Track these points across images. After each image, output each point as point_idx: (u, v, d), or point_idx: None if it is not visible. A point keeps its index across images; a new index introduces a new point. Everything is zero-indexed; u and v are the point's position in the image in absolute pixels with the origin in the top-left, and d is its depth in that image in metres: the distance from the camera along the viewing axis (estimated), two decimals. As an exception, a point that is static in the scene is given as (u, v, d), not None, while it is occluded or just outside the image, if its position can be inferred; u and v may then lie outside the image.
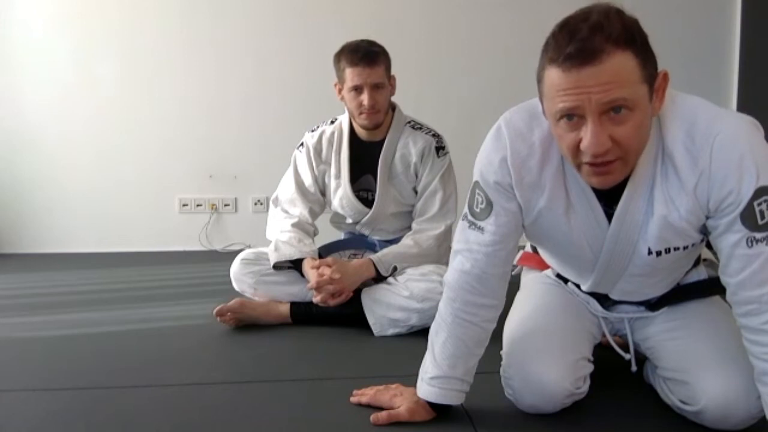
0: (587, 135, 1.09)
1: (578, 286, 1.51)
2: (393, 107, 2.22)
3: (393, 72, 2.17)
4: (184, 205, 3.56)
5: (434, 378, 1.37)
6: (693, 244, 1.28)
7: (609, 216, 1.27)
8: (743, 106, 3.52)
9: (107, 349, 1.95)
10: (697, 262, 1.46)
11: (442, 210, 2.16)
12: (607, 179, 1.16)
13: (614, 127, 1.09)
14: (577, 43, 1.06)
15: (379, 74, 2.07)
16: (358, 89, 2.08)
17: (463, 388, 1.39)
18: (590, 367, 1.44)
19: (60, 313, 2.34)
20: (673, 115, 1.19)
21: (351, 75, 2.07)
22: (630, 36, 1.08)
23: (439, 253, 2.14)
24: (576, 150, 1.13)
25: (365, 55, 2.05)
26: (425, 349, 1.41)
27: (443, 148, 2.18)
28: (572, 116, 1.11)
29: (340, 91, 2.14)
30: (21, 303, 2.50)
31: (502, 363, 1.46)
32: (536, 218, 1.32)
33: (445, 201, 2.16)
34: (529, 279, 1.66)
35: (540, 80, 1.15)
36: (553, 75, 1.10)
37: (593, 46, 1.05)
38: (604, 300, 1.49)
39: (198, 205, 3.56)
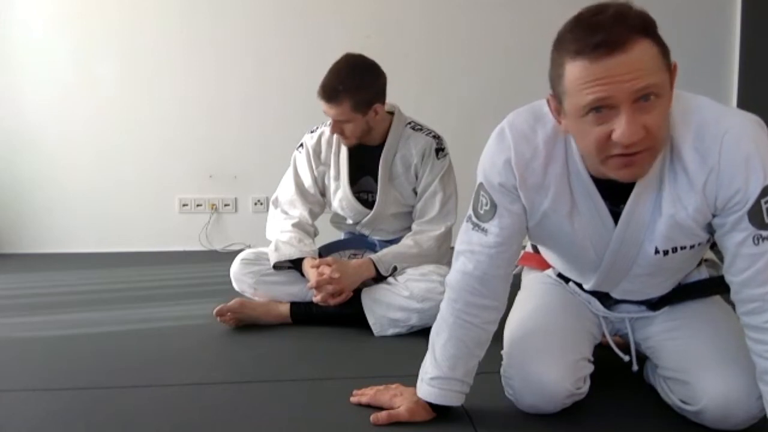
0: (621, 125, 1.08)
1: (580, 286, 1.50)
2: (392, 110, 2.21)
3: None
4: (184, 205, 3.56)
5: (434, 378, 1.37)
6: (699, 244, 1.28)
7: (614, 216, 1.27)
8: (743, 106, 3.49)
9: (107, 349, 1.95)
10: (700, 262, 1.46)
11: (443, 211, 2.16)
12: (636, 170, 1.15)
13: (644, 115, 1.09)
14: (603, 33, 1.06)
15: (341, 112, 2.04)
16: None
17: (463, 389, 1.39)
18: (590, 368, 1.44)
19: (60, 313, 2.34)
20: (680, 114, 1.19)
21: (322, 104, 2.08)
22: (648, 25, 1.09)
23: (439, 253, 2.14)
24: (605, 143, 1.12)
25: (327, 94, 2.03)
26: (425, 349, 1.41)
27: (443, 149, 2.18)
28: (601, 108, 1.09)
29: None
30: (21, 303, 2.50)
31: (503, 363, 1.46)
32: (540, 220, 1.31)
33: (445, 202, 2.16)
34: (530, 279, 1.66)
35: (558, 78, 1.13)
36: (578, 68, 1.09)
37: (619, 35, 1.06)
38: (605, 299, 1.49)
39: (198, 205, 3.56)
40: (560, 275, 1.57)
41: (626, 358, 1.49)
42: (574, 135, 1.20)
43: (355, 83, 2.04)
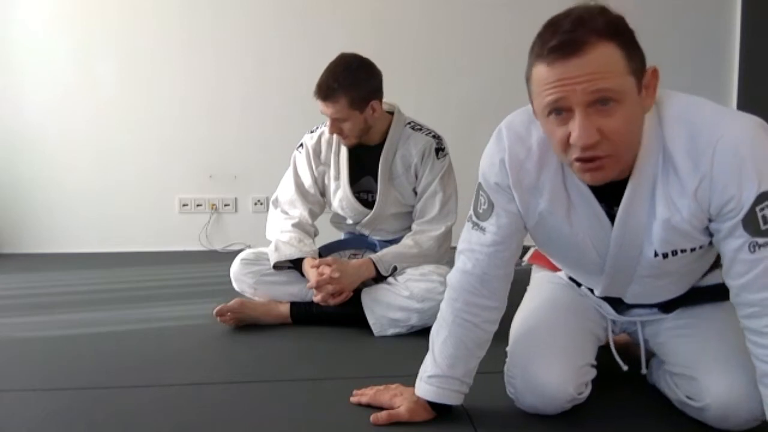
0: (575, 127, 1.09)
1: (592, 291, 1.50)
2: (392, 110, 2.21)
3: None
4: (184, 205, 3.56)
5: (432, 377, 1.37)
6: (701, 246, 1.26)
7: (611, 217, 1.27)
8: (743, 106, 3.51)
9: (107, 349, 1.95)
10: (715, 265, 1.43)
11: (443, 211, 2.16)
12: (598, 175, 1.15)
13: (602, 119, 1.09)
14: (560, 36, 1.07)
15: (338, 110, 2.05)
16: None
17: (462, 389, 1.39)
18: (593, 372, 1.44)
19: (60, 313, 2.34)
20: (674, 116, 1.18)
21: (319, 104, 2.09)
22: (613, 28, 1.08)
23: (439, 253, 2.14)
24: (566, 145, 1.13)
25: (323, 92, 2.04)
26: (425, 349, 1.41)
27: (443, 149, 2.18)
28: (560, 110, 1.10)
29: None
30: (21, 303, 2.50)
31: (506, 361, 1.46)
32: (538, 221, 1.31)
33: (445, 202, 2.16)
34: (539, 277, 1.66)
35: (528, 79, 1.16)
36: (540, 70, 1.11)
37: (576, 38, 1.06)
38: (617, 304, 1.48)
39: (198, 205, 3.56)
40: (572, 278, 1.56)
41: (625, 367, 1.48)
42: (546, 136, 1.20)
43: (350, 80, 2.04)
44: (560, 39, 1.07)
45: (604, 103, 1.08)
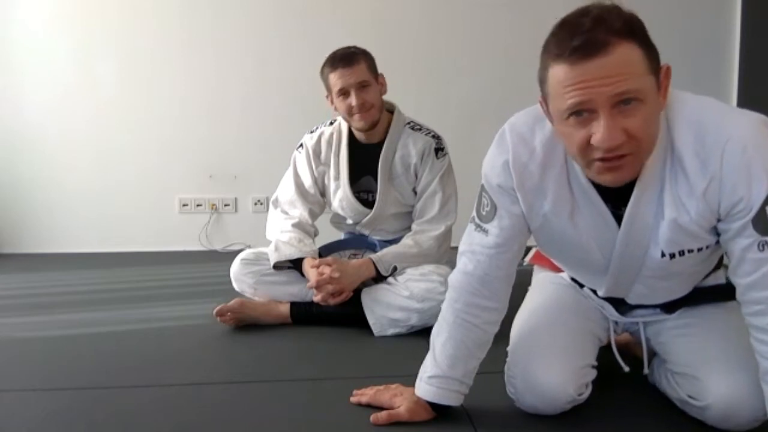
0: (600, 129, 1.07)
1: (595, 292, 1.49)
2: (392, 109, 2.22)
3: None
4: (184, 205, 3.56)
5: (432, 377, 1.37)
6: (707, 246, 1.26)
7: (617, 218, 1.26)
8: (743, 106, 3.49)
9: (107, 349, 1.95)
10: (718, 266, 1.44)
11: (443, 211, 2.16)
12: (620, 175, 1.14)
13: (625, 119, 1.07)
14: (582, 35, 1.05)
15: (361, 72, 2.08)
16: (345, 92, 2.09)
17: (462, 389, 1.38)
18: (594, 373, 1.43)
19: (60, 313, 2.34)
20: (681, 116, 1.18)
21: (334, 79, 2.09)
22: (632, 28, 1.07)
23: (439, 253, 2.14)
24: (586, 147, 1.11)
25: (343, 57, 2.08)
26: (425, 349, 1.41)
27: (442, 149, 2.18)
28: (582, 112, 1.09)
29: (332, 102, 2.15)
30: (21, 303, 2.50)
31: (507, 360, 1.46)
32: (542, 223, 1.31)
33: (444, 202, 2.16)
34: (541, 278, 1.65)
35: (543, 81, 1.14)
36: (559, 71, 1.08)
37: (598, 38, 1.04)
38: (619, 305, 1.48)
39: (198, 205, 3.56)
40: (574, 279, 1.56)
41: (627, 368, 1.48)
42: (561, 138, 1.19)
43: (361, 48, 2.13)
44: (582, 39, 1.04)
45: (627, 103, 1.07)
